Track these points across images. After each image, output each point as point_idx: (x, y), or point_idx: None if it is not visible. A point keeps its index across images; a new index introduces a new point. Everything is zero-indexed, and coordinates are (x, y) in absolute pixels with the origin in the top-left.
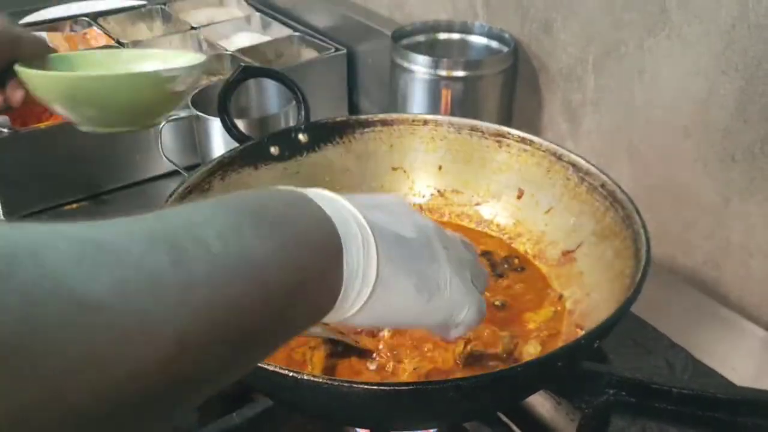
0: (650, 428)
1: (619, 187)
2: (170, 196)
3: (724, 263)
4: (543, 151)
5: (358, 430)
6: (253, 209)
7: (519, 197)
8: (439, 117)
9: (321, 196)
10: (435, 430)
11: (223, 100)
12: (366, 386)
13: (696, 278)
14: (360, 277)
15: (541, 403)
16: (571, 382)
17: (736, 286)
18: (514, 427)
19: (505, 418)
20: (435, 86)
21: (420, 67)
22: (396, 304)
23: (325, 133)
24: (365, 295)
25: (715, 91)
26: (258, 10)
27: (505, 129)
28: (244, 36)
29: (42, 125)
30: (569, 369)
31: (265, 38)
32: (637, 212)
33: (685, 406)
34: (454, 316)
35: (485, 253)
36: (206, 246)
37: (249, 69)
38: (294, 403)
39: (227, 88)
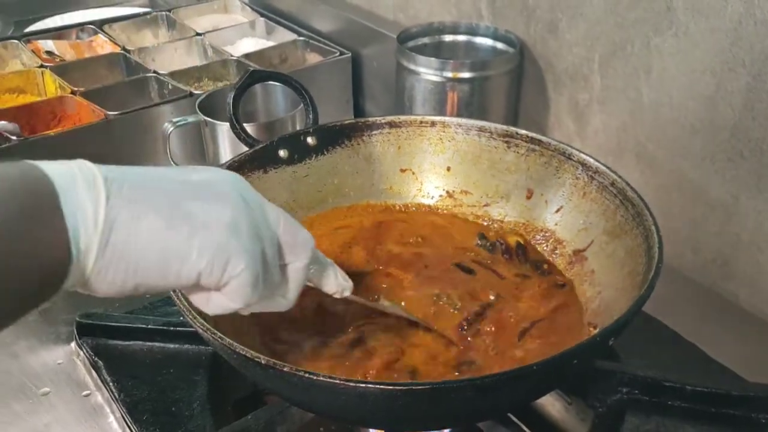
0: (664, 426)
1: (629, 185)
2: None
3: (733, 260)
4: (552, 150)
5: (371, 431)
6: None
7: (528, 197)
8: (447, 118)
9: (62, 162)
10: (449, 430)
11: (233, 104)
12: (381, 386)
13: (706, 275)
14: (92, 222)
15: (551, 403)
16: (585, 381)
17: (746, 282)
18: (526, 429)
19: (516, 420)
20: (441, 88)
21: (426, 69)
22: (140, 243)
23: (333, 136)
24: (97, 238)
25: (723, 88)
26: (262, 15)
27: (513, 129)
28: (249, 41)
29: (51, 132)
30: (583, 367)
31: (270, 43)
32: (648, 210)
33: (698, 403)
34: (223, 265)
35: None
36: None
37: (257, 73)
38: (309, 404)
39: (237, 92)
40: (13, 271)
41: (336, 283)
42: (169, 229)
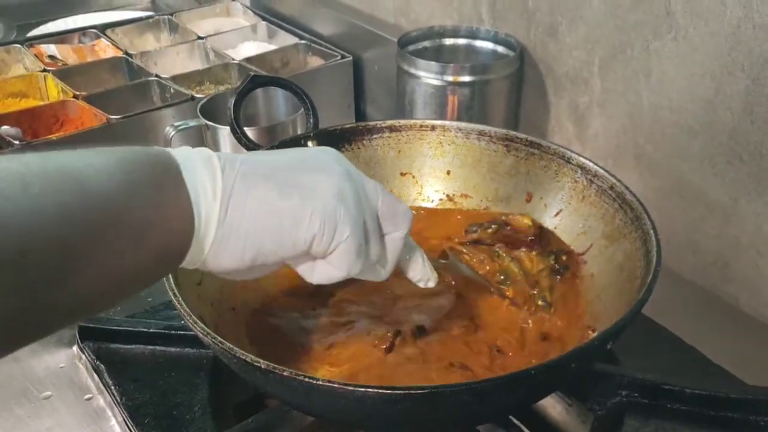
0: (663, 429)
1: (628, 189)
2: None
3: (732, 263)
4: (551, 154)
5: None
6: (101, 150)
7: (527, 200)
8: (446, 122)
9: (179, 147)
10: None
11: (234, 110)
12: (380, 390)
13: (705, 278)
14: (210, 193)
15: (552, 405)
16: (584, 384)
17: (745, 285)
18: (526, 431)
19: (517, 422)
20: (442, 92)
21: (426, 72)
22: (257, 211)
23: (333, 140)
24: (217, 207)
25: (722, 91)
26: (264, 19)
27: (512, 133)
28: (251, 45)
29: (53, 136)
30: (582, 370)
31: (272, 47)
32: (647, 214)
33: (698, 406)
34: (333, 230)
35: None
36: (49, 171)
37: (258, 78)
38: (308, 408)
39: (237, 98)
40: (144, 239)
41: (422, 271)
42: (281, 196)
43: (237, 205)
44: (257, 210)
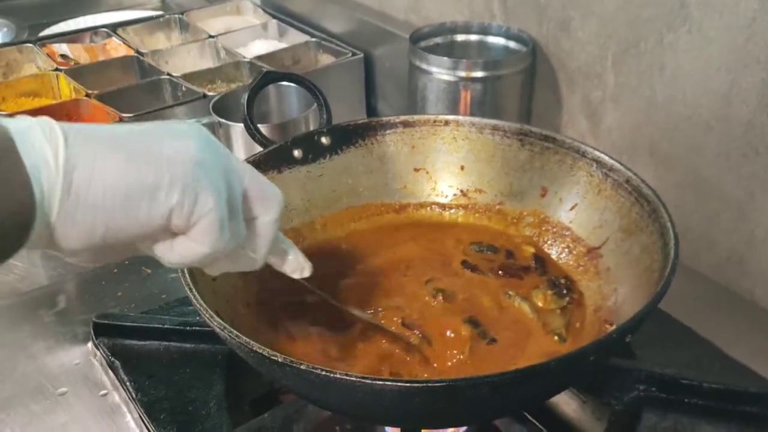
0: (681, 423)
1: (644, 182)
2: None
3: (748, 257)
4: (566, 148)
5: (387, 429)
6: None
7: (542, 195)
8: (460, 117)
9: (20, 117)
10: (465, 428)
11: (247, 106)
12: (398, 383)
13: (720, 273)
14: (52, 162)
15: (566, 402)
16: (601, 379)
17: (761, 279)
18: (542, 427)
19: (531, 419)
20: (454, 87)
21: (439, 68)
22: (105, 181)
23: (347, 136)
24: (60, 178)
25: (737, 84)
26: (274, 17)
27: (527, 127)
28: (261, 43)
29: None
30: (600, 364)
31: (282, 45)
32: (664, 207)
33: (716, 400)
34: (193, 201)
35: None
36: None
37: (271, 74)
38: (325, 401)
39: (251, 93)
40: None
41: (296, 262)
42: (133, 165)
43: (82, 176)
44: (105, 181)
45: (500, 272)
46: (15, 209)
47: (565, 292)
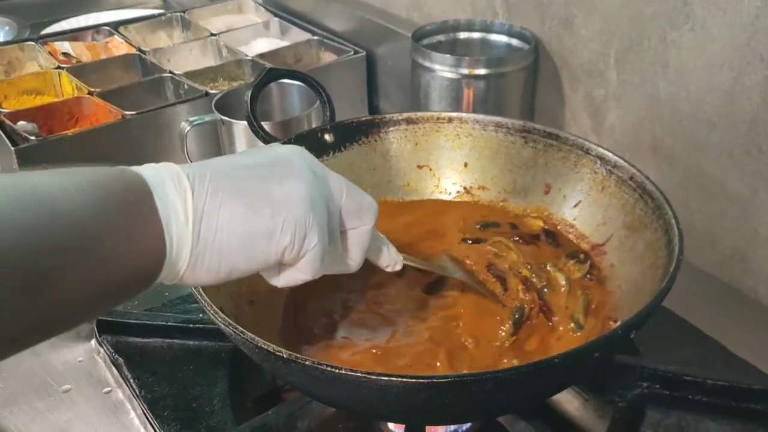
0: (685, 420)
1: (648, 179)
2: None
3: (751, 255)
4: (569, 145)
5: (391, 426)
6: (76, 171)
7: (546, 192)
8: (463, 114)
9: (149, 165)
10: (470, 424)
11: (250, 103)
12: (404, 379)
13: (724, 271)
14: (182, 216)
15: (569, 400)
16: (605, 376)
17: (764, 277)
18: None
19: (534, 416)
20: (457, 85)
21: (442, 66)
22: (229, 229)
23: (350, 133)
24: (189, 229)
25: (740, 81)
26: (276, 15)
27: (530, 124)
28: (263, 41)
29: (69, 132)
30: (604, 361)
31: (284, 43)
32: (668, 203)
33: (720, 397)
34: (302, 239)
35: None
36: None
37: (274, 71)
38: (330, 398)
39: (254, 90)
40: (115, 262)
41: (389, 257)
42: (252, 212)
43: (209, 225)
44: (229, 228)
45: (518, 239)
46: (148, 259)
47: (587, 261)
